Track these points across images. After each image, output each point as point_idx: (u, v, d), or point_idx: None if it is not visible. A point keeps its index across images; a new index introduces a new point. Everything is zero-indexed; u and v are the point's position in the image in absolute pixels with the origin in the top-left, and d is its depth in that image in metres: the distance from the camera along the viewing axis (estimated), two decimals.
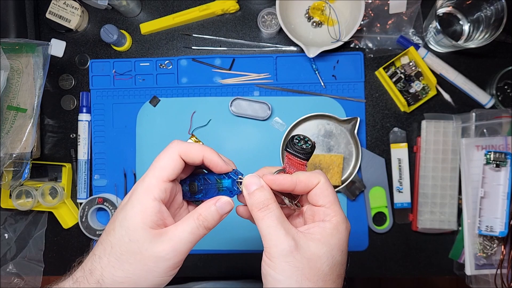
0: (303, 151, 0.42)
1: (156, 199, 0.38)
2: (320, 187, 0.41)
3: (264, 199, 0.39)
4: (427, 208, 0.77)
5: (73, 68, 0.84)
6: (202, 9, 0.80)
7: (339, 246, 0.39)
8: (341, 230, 0.39)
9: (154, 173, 0.39)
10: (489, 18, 0.73)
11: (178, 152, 0.39)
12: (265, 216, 0.38)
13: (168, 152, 0.39)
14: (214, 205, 0.40)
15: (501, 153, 0.69)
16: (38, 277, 0.83)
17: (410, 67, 0.78)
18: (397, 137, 0.79)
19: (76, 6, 0.80)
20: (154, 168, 0.39)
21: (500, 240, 0.72)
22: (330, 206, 0.40)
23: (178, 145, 0.40)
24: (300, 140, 0.43)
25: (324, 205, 0.40)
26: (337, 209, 0.40)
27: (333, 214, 0.40)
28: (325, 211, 0.40)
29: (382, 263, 0.80)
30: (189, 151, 0.40)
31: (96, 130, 0.82)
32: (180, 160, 0.39)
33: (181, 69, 0.82)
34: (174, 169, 0.39)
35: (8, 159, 0.73)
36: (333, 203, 0.40)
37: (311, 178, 0.41)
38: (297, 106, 0.80)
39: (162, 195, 0.38)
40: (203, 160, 0.40)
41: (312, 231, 0.39)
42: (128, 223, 0.37)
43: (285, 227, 0.38)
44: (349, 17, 0.78)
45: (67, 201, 0.81)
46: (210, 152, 0.40)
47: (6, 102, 0.73)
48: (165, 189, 0.38)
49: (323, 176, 0.41)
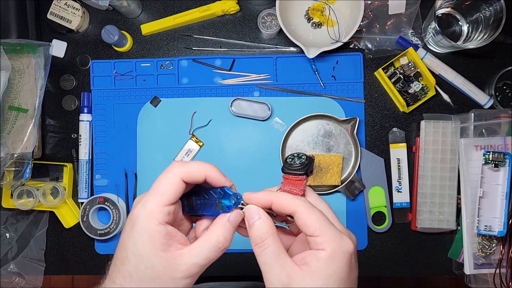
0: (295, 167, 0.41)
1: (161, 223, 0.37)
2: (302, 217, 0.38)
3: (261, 234, 0.38)
4: (426, 207, 0.77)
5: (74, 69, 0.84)
6: (203, 10, 0.81)
7: (337, 276, 0.36)
8: (337, 257, 0.37)
9: (155, 199, 0.38)
10: (488, 19, 0.73)
11: (180, 176, 0.38)
12: (261, 253, 0.38)
13: (169, 176, 0.38)
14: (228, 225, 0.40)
15: (499, 153, 0.70)
16: (39, 277, 0.83)
17: (409, 68, 0.79)
18: (396, 137, 0.80)
19: (77, 7, 0.80)
20: (155, 193, 0.38)
21: (499, 239, 0.72)
22: (320, 234, 0.37)
23: (179, 168, 0.39)
24: (294, 158, 0.43)
25: (312, 235, 0.38)
26: (329, 233, 0.37)
27: (325, 241, 0.37)
28: (315, 240, 0.37)
29: (381, 263, 0.81)
30: (191, 173, 0.39)
31: (97, 130, 0.83)
32: (181, 184, 0.39)
33: (182, 69, 0.82)
34: (175, 193, 0.38)
35: (10, 159, 0.73)
36: (322, 229, 0.37)
37: (288, 201, 0.39)
38: (297, 106, 0.81)
39: (166, 218, 0.38)
40: (205, 179, 0.40)
41: (307, 260, 0.37)
42: (140, 251, 0.37)
43: (281, 262, 0.37)
44: (349, 18, 0.78)
45: (68, 201, 0.81)
46: (212, 170, 0.40)
47: (7, 102, 0.74)
48: (168, 212, 0.38)
49: (304, 204, 0.39)
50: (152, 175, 0.82)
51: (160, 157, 0.82)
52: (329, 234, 0.37)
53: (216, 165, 0.87)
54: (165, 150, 0.82)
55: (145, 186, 0.82)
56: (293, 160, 0.42)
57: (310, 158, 0.42)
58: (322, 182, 0.78)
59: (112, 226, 0.79)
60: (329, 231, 0.37)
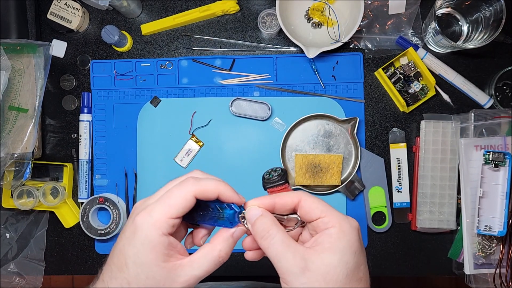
0: (275, 179, 0.44)
1: (165, 234, 0.37)
2: (304, 204, 0.40)
3: (264, 226, 0.39)
4: (426, 207, 0.77)
5: (74, 69, 0.84)
6: (203, 10, 0.81)
7: (350, 248, 0.37)
8: (347, 231, 0.38)
9: (163, 209, 0.37)
10: (488, 19, 0.73)
11: (193, 192, 0.38)
12: (269, 244, 0.38)
13: (183, 191, 0.38)
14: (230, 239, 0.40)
15: (499, 153, 0.70)
16: (39, 277, 0.83)
17: (409, 68, 0.79)
18: (396, 137, 0.80)
19: (77, 7, 0.80)
20: (164, 204, 0.38)
21: (499, 239, 0.72)
22: (326, 214, 0.39)
23: (193, 186, 0.38)
24: (270, 172, 0.46)
25: (319, 217, 0.39)
26: (334, 213, 0.39)
27: (333, 220, 0.39)
28: (323, 220, 0.39)
29: (381, 263, 0.81)
30: (205, 191, 0.39)
31: (97, 130, 0.83)
32: (193, 200, 0.39)
33: (182, 69, 0.82)
34: (184, 208, 0.38)
35: (10, 159, 0.73)
36: (327, 210, 0.39)
37: (289, 195, 0.41)
38: (297, 106, 0.81)
39: (170, 229, 0.38)
40: (218, 196, 0.40)
41: (319, 241, 0.38)
42: (141, 261, 0.37)
43: (292, 249, 0.38)
44: (349, 18, 0.78)
45: (68, 201, 0.81)
46: (225, 189, 0.40)
47: (7, 103, 0.74)
48: (173, 224, 0.38)
49: (303, 193, 0.41)
50: (152, 175, 0.82)
51: (160, 157, 0.82)
52: (335, 213, 0.39)
53: (216, 165, 0.87)
54: (165, 150, 0.82)
55: (145, 186, 0.82)
56: (270, 174, 0.45)
57: (284, 169, 0.45)
58: (322, 182, 0.78)
59: (112, 226, 0.79)
60: (333, 211, 0.39)
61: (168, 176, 0.81)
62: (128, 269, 0.37)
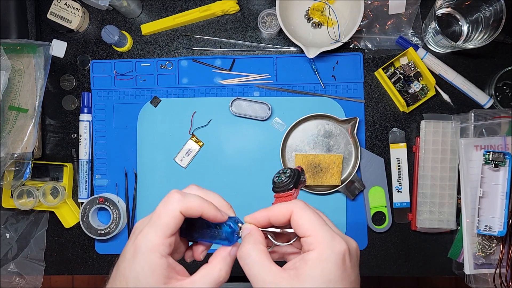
0: (283, 184, 0.42)
1: (163, 256, 0.37)
2: (295, 217, 0.38)
3: (243, 249, 0.38)
4: (426, 207, 0.77)
5: (74, 69, 0.84)
6: (203, 10, 0.81)
7: (323, 277, 0.34)
8: (325, 257, 0.35)
9: (157, 231, 0.37)
10: (488, 19, 0.73)
11: (179, 209, 0.38)
12: (244, 264, 0.38)
13: (169, 209, 0.38)
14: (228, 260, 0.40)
15: (499, 153, 0.70)
16: (39, 277, 0.83)
17: (409, 68, 0.79)
18: (396, 137, 0.80)
19: (77, 7, 0.80)
20: (156, 225, 0.38)
21: (499, 239, 0.72)
22: (311, 233, 0.36)
23: (179, 203, 0.38)
24: (280, 175, 0.43)
25: (304, 235, 0.37)
26: (320, 233, 0.36)
27: (315, 241, 0.36)
28: (306, 240, 0.37)
29: (381, 263, 0.81)
30: (189, 209, 0.38)
31: (97, 130, 0.83)
32: (180, 216, 0.38)
33: (182, 69, 0.82)
34: (175, 225, 0.38)
35: (10, 159, 0.73)
36: (313, 229, 0.36)
37: (282, 207, 0.39)
38: (297, 106, 0.81)
39: (167, 250, 0.38)
40: (202, 215, 0.40)
41: (297, 265, 0.36)
42: (142, 284, 0.37)
43: (265, 270, 0.36)
44: (349, 18, 0.78)
45: (68, 201, 0.81)
46: (208, 209, 0.39)
47: (7, 102, 0.74)
48: (170, 243, 0.38)
49: (297, 204, 0.38)
50: (152, 175, 0.82)
51: (160, 157, 0.82)
52: (320, 234, 0.36)
53: (216, 165, 0.87)
54: (165, 150, 0.82)
55: (145, 186, 0.82)
56: (279, 178, 0.43)
57: (295, 170, 0.43)
58: (322, 182, 0.78)
59: (112, 226, 0.79)
60: (320, 231, 0.36)
61: (168, 176, 0.81)
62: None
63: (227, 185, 0.81)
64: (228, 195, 0.80)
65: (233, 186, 0.81)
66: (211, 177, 0.81)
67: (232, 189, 0.81)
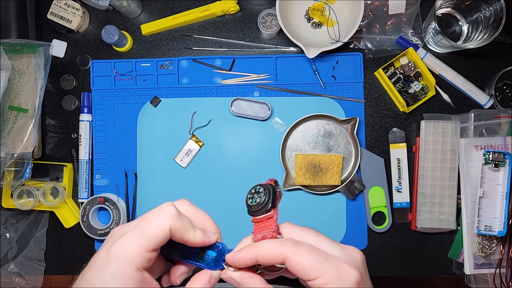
0: (259, 206, 0.36)
1: (139, 269, 0.33)
2: (292, 263, 0.33)
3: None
4: (426, 207, 0.77)
5: (74, 69, 0.84)
6: (203, 10, 0.81)
7: None
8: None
9: (138, 242, 0.33)
10: (488, 19, 0.73)
11: (170, 225, 0.34)
12: None
13: (162, 222, 0.34)
14: None
15: (499, 153, 0.70)
16: (39, 277, 0.83)
17: (409, 68, 0.79)
18: (396, 137, 0.80)
19: (77, 7, 0.80)
20: (140, 234, 0.34)
21: (499, 239, 0.72)
22: (318, 275, 0.33)
23: (172, 219, 0.35)
24: (253, 196, 0.38)
25: (309, 278, 0.33)
26: (328, 272, 0.33)
27: (323, 283, 0.33)
28: (314, 283, 0.33)
29: (381, 263, 0.81)
30: (178, 231, 0.35)
31: (97, 130, 0.83)
32: (169, 234, 0.35)
33: (182, 69, 0.82)
34: (162, 241, 0.34)
35: (10, 159, 0.73)
36: (318, 269, 0.33)
37: (271, 251, 0.34)
38: (297, 106, 0.81)
39: (145, 264, 0.34)
40: (186, 242, 0.36)
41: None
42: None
43: None
44: (349, 18, 0.78)
45: (68, 201, 0.81)
46: (189, 238, 0.36)
47: (7, 102, 0.74)
48: (150, 258, 0.34)
49: (287, 246, 0.34)
50: (152, 175, 0.82)
51: (160, 157, 0.82)
52: (328, 272, 0.33)
53: (216, 165, 0.87)
54: (165, 150, 0.82)
55: (145, 186, 0.82)
56: (253, 200, 0.37)
57: (267, 186, 0.37)
58: (322, 182, 0.78)
59: (112, 226, 0.79)
60: (325, 268, 0.33)
61: (168, 176, 0.81)
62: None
63: (227, 185, 0.81)
64: (228, 195, 0.80)
65: (233, 186, 0.81)
66: (211, 177, 0.81)
67: (232, 189, 0.81)
